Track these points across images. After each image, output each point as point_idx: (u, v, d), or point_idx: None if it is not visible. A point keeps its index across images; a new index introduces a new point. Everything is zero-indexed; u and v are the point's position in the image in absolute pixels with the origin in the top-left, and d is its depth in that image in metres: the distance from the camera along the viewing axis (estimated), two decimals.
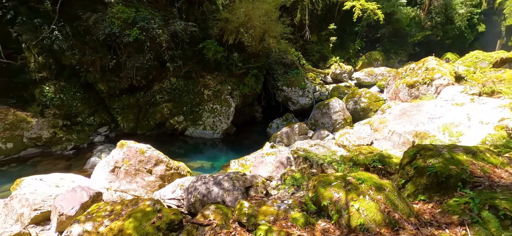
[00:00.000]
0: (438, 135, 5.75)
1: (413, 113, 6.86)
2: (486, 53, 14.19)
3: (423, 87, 9.14)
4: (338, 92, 15.51)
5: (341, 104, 11.36)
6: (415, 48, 23.77)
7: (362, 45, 22.79)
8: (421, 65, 9.75)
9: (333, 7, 21.15)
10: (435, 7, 22.69)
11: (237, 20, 10.07)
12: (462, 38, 24.60)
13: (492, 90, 7.42)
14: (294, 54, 18.20)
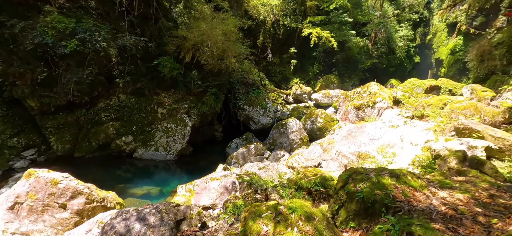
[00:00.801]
0: (377, 156, 6.10)
1: (357, 135, 7.26)
2: (420, 81, 16.20)
3: (367, 109, 9.89)
4: (298, 112, 16.03)
5: (298, 124, 11.67)
6: (365, 74, 26.21)
7: (320, 69, 24.36)
8: (365, 89, 10.61)
9: (293, 33, 22.42)
10: (379, 39, 25.58)
11: (194, 38, 9.89)
12: (402, 67, 27.97)
13: (421, 114, 8.31)
14: (256, 74, 18.54)
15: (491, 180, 3.60)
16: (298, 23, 21.93)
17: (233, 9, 20.43)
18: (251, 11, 20.13)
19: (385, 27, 25.05)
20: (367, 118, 9.69)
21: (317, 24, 21.66)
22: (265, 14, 20.42)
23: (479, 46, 16.88)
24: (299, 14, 22.25)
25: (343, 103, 11.39)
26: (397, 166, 5.47)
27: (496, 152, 4.73)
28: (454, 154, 4.25)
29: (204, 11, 13.09)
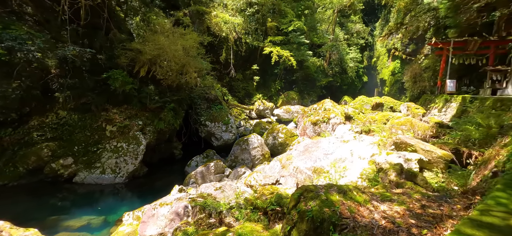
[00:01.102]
0: (330, 170, 6.37)
1: (313, 150, 7.54)
2: (368, 98, 17.93)
3: (323, 125, 10.47)
4: (260, 128, 16.17)
5: (260, 140, 11.71)
6: (322, 91, 28.12)
7: (281, 85, 25.34)
8: (321, 106, 11.28)
9: (255, 51, 23.08)
10: (333, 60, 27.94)
11: (150, 52, 9.38)
12: (354, 85, 30.81)
13: (368, 129, 9.09)
14: (219, 90, 18.36)
15: (423, 190, 3.99)
16: (259, 41, 22.70)
17: (195, 25, 20.27)
18: (213, 28, 20.20)
19: (338, 50, 27.53)
20: (322, 133, 10.23)
21: (277, 43, 22.74)
22: (227, 31, 20.67)
23: (412, 69, 19.56)
24: (260, 33, 23.11)
25: (302, 119, 11.88)
26: (348, 180, 5.77)
27: (427, 164, 5.33)
28: (393, 167, 4.64)
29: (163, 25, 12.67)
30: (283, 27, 22.61)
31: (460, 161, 5.31)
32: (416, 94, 19.42)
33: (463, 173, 4.74)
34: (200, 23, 20.41)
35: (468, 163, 5.23)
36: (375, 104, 15.17)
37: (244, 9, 21.98)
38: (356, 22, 30.44)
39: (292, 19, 22.14)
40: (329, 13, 27.63)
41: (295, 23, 21.76)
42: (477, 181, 4.22)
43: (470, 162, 5.23)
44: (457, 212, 3.13)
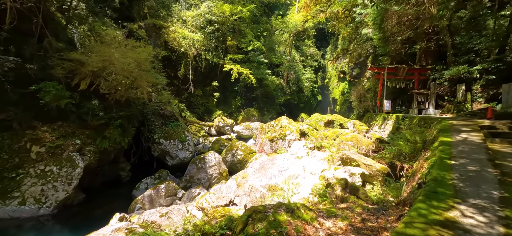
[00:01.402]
0: (284, 187, 6.41)
1: (268, 167, 7.55)
2: (322, 116, 19.18)
3: (280, 141, 10.70)
4: (219, 145, 15.76)
5: (217, 158, 11.32)
6: (281, 108, 29.20)
7: (242, 102, 25.51)
8: (278, 123, 11.57)
9: (216, 67, 23.00)
10: (291, 79, 29.52)
11: (94, 64, 8.46)
12: (309, 103, 32.84)
13: (320, 145, 9.60)
14: (176, 106, 17.52)
15: (364, 204, 4.23)
16: (220, 59, 22.75)
17: (151, 39, 19.37)
18: (171, 42, 19.57)
19: (294, 70, 29.26)
20: (279, 150, 10.42)
21: (238, 61, 23.11)
22: (186, 47, 20.24)
23: (357, 90, 21.79)
24: (221, 50, 23.23)
25: (260, 136, 11.97)
26: (300, 196, 5.86)
27: (368, 177, 5.76)
28: (339, 182, 4.88)
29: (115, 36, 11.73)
30: (243, 46, 23.18)
31: (394, 174, 5.88)
32: (361, 112, 21.58)
33: (397, 185, 5.23)
34: (157, 37, 19.58)
35: (401, 175, 5.83)
36: (327, 121, 16.27)
37: (204, 26, 21.96)
38: (310, 46, 33.07)
39: (252, 39, 22.92)
40: (286, 36, 29.47)
41: (255, 43, 22.54)
42: (407, 191, 4.68)
43: (402, 174, 5.83)
44: (391, 224, 3.36)
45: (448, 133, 5.60)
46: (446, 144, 4.86)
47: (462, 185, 3.19)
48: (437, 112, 12.68)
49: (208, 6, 21.58)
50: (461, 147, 4.65)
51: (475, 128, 5.75)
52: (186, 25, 22.21)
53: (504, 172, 3.63)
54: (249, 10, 22.40)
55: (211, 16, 21.55)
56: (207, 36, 22.22)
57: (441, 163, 3.95)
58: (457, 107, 11.74)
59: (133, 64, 9.97)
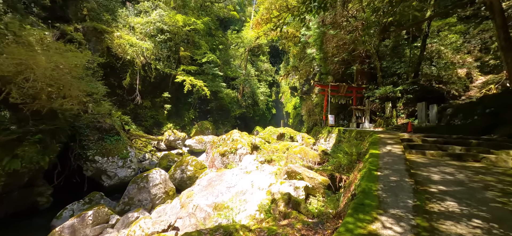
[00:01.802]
0: (231, 204, 6.13)
1: (216, 184, 7.18)
2: (275, 129, 19.66)
3: (231, 156, 10.43)
4: (168, 161, 14.58)
5: (163, 175, 10.37)
6: (237, 121, 29.13)
7: (195, 115, 24.53)
8: (229, 136, 11.33)
9: (167, 78, 21.74)
10: (246, 92, 29.90)
11: (3, 68, 6.93)
12: (264, 117, 33.67)
13: (271, 158, 9.68)
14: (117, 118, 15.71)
15: (305, 218, 4.26)
16: (172, 69, 21.63)
17: (91, 43, 17.29)
18: (115, 49, 17.80)
19: (250, 84, 29.80)
20: (230, 164, 10.14)
21: (192, 73, 22.33)
22: (133, 55, 18.66)
23: (306, 105, 23.27)
24: (173, 61, 22.15)
25: (211, 150, 11.50)
26: (247, 213, 5.65)
27: (311, 190, 5.93)
28: (283, 197, 4.86)
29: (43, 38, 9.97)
30: (197, 57, 22.59)
31: (334, 185, 6.20)
32: (310, 125, 23.01)
33: (335, 196, 5.49)
34: (97, 42, 17.55)
35: (340, 186, 6.18)
36: (279, 134, 16.74)
37: (155, 35, 20.72)
38: (264, 61, 34.36)
39: (206, 51, 22.55)
40: (241, 50, 30.01)
41: (209, 55, 22.21)
42: (344, 202, 4.93)
43: (341, 185, 6.19)
44: None
45: (377, 145, 6.23)
46: (374, 156, 5.35)
47: (385, 195, 3.45)
48: (371, 126, 14.30)
49: (160, 15, 20.52)
50: (386, 158, 5.18)
51: (397, 141, 6.57)
52: (134, 32, 20.61)
53: (417, 181, 4.11)
54: (204, 23, 22.13)
55: (163, 25, 20.51)
56: (158, 45, 20.98)
57: (369, 174, 4.27)
58: (386, 122, 13.47)
59: (60, 70, 8.55)
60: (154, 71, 20.61)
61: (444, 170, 4.75)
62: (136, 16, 21.70)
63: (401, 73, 14.16)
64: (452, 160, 5.60)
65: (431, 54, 14.28)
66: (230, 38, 29.55)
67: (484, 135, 7.66)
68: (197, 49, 22.93)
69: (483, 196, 3.44)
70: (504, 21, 7.03)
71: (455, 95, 13.04)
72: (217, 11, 26.44)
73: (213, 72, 23.27)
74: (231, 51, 28.82)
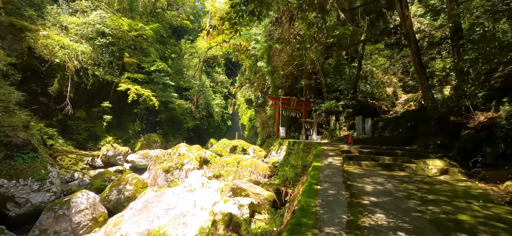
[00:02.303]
0: (168, 229, 5.37)
1: (153, 206, 6.29)
2: (229, 141, 19.14)
3: (176, 172, 9.50)
4: (102, 180, 12.58)
5: (92, 198, 8.75)
6: (190, 133, 27.58)
7: (142, 127, 22.29)
8: (175, 151, 10.40)
9: (108, 86, 19.33)
10: (200, 104, 28.80)
11: None
12: (219, 129, 32.85)
13: (219, 174, 9.15)
14: (37, 131, 13.03)
15: None
16: (114, 76, 19.36)
17: (5, 41, 14.26)
18: (40, 50, 15.06)
19: (204, 95, 28.84)
20: (174, 181, 9.21)
21: (139, 81, 20.38)
22: (64, 58, 16.06)
23: (260, 117, 23.56)
24: (116, 67, 19.90)
25: (154, 166, 10.33)
26: None
27: (257, 207, 5.63)
28: (223, 218, 4.41)
29: None
30: (145, 65, 20.79)
31: (280, 200, 6.04)
32: (264, 138, 23.26)
33: (280, 212, 5.30)
34: (15, 40, 14.56)
35: (286, 200, 6.05)
36: (232, 147, 16.31)
37: (94, 37, 18.36)
38: (220, 73, 33.95)
39: (156, 59, 20.98)
40: (196, 61, 29.03)
41: (159, 63, 20.70)
42: (288, 218, 4.75)
43: (287, 199, 6.07)
44: None
45: (319, 158, 6.38)
46: (316, 168, 5.40)
47: (322, 211, 3.34)
48: (319, 138, 15.12)
49: (101, 16, 18.33)
50: (327, 171, 5.27)
51: (338, 153, 6.88)
52: (68, 32, 17.90)
53: (352, 193, 4.20)
54: (154, 29, 20.67)
55: (104, 28, 18.34)
56: (98, 49, 18.60)
57: (310, 189, 4.19)
58: (331, 134, 14.40)
59: None
60: (91, 78, 18.08)
61: (375, 180, 5.03)
62: (71, 15, 18.97)
63: (343, 89, 15.51)
64: (383, 169, 6.06)
65: (366, 73, 16.11)
66: (184, 47, 28.36)
67: (407, 146, 8.70)
68: (145, 56, 21.15)
69: (406, 206, 3.64)
70: (418, 49, 8.24)
71: (385, 110, 14.84)
72: (169, 19, 25.15)
73: (164, 82, 21.72)
74: (184, 61, 27.58)
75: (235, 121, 39.30)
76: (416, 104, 13.32)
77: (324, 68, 16.11)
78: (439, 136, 7.66)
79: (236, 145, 16.51)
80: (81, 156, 15.59)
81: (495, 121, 6.42)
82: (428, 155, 6.60)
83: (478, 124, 6.90)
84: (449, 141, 7.20)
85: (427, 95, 7.82)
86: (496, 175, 5.35)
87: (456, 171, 5.61)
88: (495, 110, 6.75)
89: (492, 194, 4.26)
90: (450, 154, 6.71)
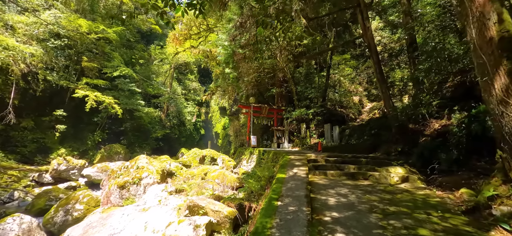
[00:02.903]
0: None
1: (96, 231, 5.36)
2: (200, 151, 18.17)
3: (133, 187, 8.49)
4: (47, 199, 10.96)
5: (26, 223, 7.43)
6: (159, 143, 25.89)
7: (104, 137, 20.31)
8: (134, 163, 9.38)
9: (63, 92, 17.35)
10: (171, 112, 27.36)
11: None
12: (192, 138, 31.48)
13: (182, 188, 8.36)
14: None
15: None
16: (71, 82, 17.45)
17: None
18: None
19: (176, 102, 27.49)
20: (129, 199, 8.20)
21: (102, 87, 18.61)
22: (8, 60, 14.02)
23: (233, 125, 22.98)
24: (73, 72, 18.00)
25: (107, 181, 9.17)
26: None
27: (216, 226, 5.05)
28: None
29: None
30: (107, 70, 19.11)
31: (243, 216, 5.52)
32: (237, 146, 22.64)
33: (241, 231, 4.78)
34: None
35: (250, 216, 5.55)
36: (202, 157, 15.47)
37: (46, 39, 16.44)
38: (192, 80, 32.81)
39: (120, 64, 19.43)
40: (166, 67, 27.68)
41: (123, 69, 19.18)
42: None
43: (251, 215, 5.57)
44: None
45: (285, 168, 6.03)
46: (280, 181, 5.02)
47: (278, 234, 2.91)
48: (290, 146, 14.98)
49: (55, 16, 16.52)
50: (290, 183, 4.91)
51: (304, 162, 6.63)
52: (15, 32, 15.79)
53: (314, 208, 3.86)
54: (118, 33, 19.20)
55: (59, 29, 16.53)
56: (52, 52, 16.65)
57: (269, 206, 3.77)
58: (301, 141, 14.35)
59: None
60: (42, 83, 16.05)
61: (340, 192, 4.79)
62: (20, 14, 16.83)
63: (313, 97, 15.69)
64: (348, 179, 5.89)
65: (334, 82, 16.54)
66: (154, 53, 26.89)
67: (371, 153, 8.82)
68: (108, 61, 19.48)
69: (368, 221, 3.38)
70: (378, 59, 8.48)
71: (353, 118, 15.27)
72: (137, 23, 23.70)
73: (129, 88, 20.17)
74: (154, 67, 26.11)
75: (209, 129, 38.13)
76: (379, 112, 13.87)
77: (294, 77, 16.21)
78: (399, 143, 7.83)
79: (205, 154, 15.69)
80: (24, 172, 13.51)
81: (448, 128, 6.70)
82: (390, 162, 6.63)
83: (433, 131, 7.16)
84: (408, 148, 7.37)
85: (388, 103, 8.01)
86: (451, 181, 5.45)
87: (415, 178, 5.63)
88: (448, 118, 7.07)
89: (449, 202, 4.22)
90: (410, 160, 6.82)
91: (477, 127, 6.04)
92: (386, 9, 13.25)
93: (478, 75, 4.10)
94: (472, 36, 4.07)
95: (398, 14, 11.71)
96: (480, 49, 3.93)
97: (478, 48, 3.95)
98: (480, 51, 3.93)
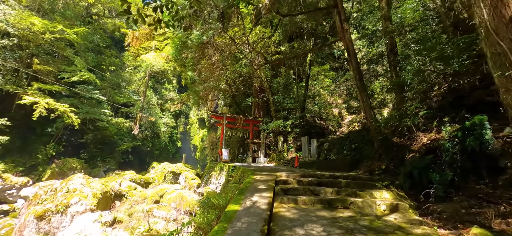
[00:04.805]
0: None
1: None
2: (170, 165, 16.16)
3: (55, 217, 6.47)
4: None
5: None
6: (129, 156, 23.33)
7: (59, 150, 17.61)
8: (65, 185, 7.36)
9: (9, 98, 14.79)
10: (144, 123, 25.03)
11: None
12: (167, 150, 29.05)
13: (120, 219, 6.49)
14: None
15: None
16: (19, 87, 14.97)
17: None
18: None
19: (150, 113, 25.25)
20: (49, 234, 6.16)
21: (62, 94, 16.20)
22: None
23: (211, 138, 21.22)
24: (24, 76, 15.55)
25: (26, 210, 7.05)
26: None
27: None
28: None
29: None
30: (63, 75, 16.81)
31: None
32: (213, 159, 20.81)
33: None
34: None
35: None
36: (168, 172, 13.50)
37: None
38: (170, 90, 30.79)
39: (81, 69, 17.20)
40: (140, 75, 25.59)
41: (83, 74, 16.98)
42: None
43: None
44: None
45: (243, 195, 4.52)
46: (228, 218, 3.48)
47: None
48: (266, 160, 13.50)
49: (4, 13, 14.26)
50: (242, 220, 3.38)
51: (270, 185, 5.16)
52: None
53: None
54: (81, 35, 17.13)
55: (7, 27, 14.24)
56: None
57: None
58: (278, 156, 12.94)
59: None
60: None
61: (311, 233, 3.33)
62: None
63: (291, 108, 14.52)
64: (324, 208, 4.49)
65: (314, 94, 15.56)
66: (126, 60, 24.80)
67: (352, 170, 7.57)
68: (68, 65, 17.21)
69: None
70: (357, 64, 7.42)
71: (332, 130, 14.20)
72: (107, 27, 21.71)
73: (92, 96, 17.88)
74: (125, 74, 23.93)
75: (187, 141, 35.80)
76: (359, 125, 12.91)
77: (272, 86, 15.03)
78: (383, 160, 6.65)
79: (173, 170, 13.75)
80: None
81: (438, 143, 5.61)
82: (374, 184, 5.36)
83: (421, 146, 6.04)
84: (394, 165, 6.18)
85: (369, 113, 6.87)
86: (450, 210, 4.23)
87: (406, 207, 4.34)
88: (437, 131, 6.00)
89: None
90: (396, 181, 5.62)
91: (472, 142, 4.97)
92: (365, 16, 12.64)
93: (493, 69, 2.93)
94: (482, 18, 2.93)
95: (377, 21, 11.05)
96: (496, 34, 2.77)
97: (493, 33, 2.80)
98: (496, 36, 2.78)
